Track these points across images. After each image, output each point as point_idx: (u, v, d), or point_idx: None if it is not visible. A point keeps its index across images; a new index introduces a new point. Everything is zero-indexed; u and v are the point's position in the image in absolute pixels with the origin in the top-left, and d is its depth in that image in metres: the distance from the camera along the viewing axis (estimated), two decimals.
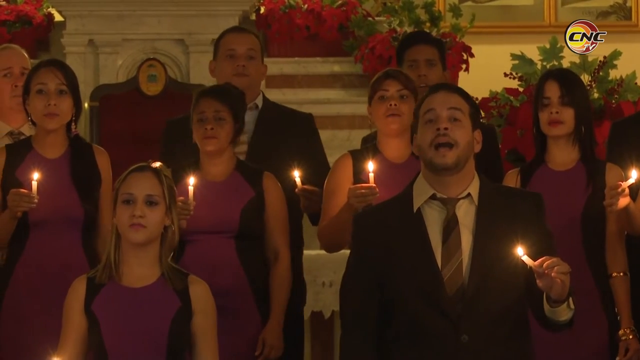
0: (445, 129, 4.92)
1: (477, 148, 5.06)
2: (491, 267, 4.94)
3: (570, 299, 4.79)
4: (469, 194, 5.04)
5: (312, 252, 7.43)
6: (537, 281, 4.68)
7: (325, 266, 7.41)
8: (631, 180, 6.18)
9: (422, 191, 5.11)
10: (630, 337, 6.23)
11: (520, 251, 4.72)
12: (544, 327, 5.00)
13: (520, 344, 5.07)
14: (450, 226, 5.05)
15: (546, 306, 4.84)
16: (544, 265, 4.64)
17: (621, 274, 6.34)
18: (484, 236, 4.99)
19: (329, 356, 8.11)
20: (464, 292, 4.97)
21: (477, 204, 5.06)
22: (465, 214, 5.06)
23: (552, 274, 4.64)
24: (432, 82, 6.86)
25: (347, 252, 6.19)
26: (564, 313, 4.83)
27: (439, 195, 5.03)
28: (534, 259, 4.67)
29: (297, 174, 6.61)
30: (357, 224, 5.29)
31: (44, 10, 9.98)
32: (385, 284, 5.03)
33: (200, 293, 5.22)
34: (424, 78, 7.13)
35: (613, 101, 9.80)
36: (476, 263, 4.99)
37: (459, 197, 5.04)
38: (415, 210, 5.05)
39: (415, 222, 5.06)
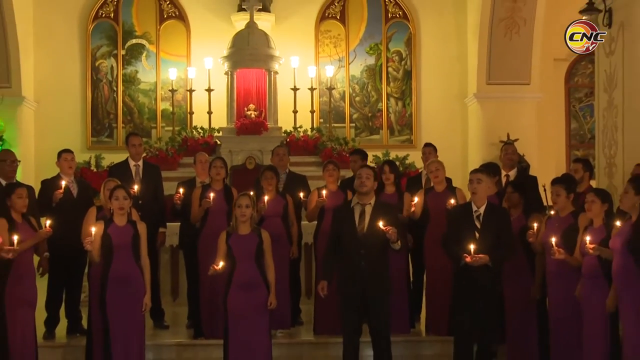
0: (364, 182, 5.09)
1: (374, 186, 5.15)
2: (374, 228, 4.98)
3: (398, 242, 4.98)
4: (370, 203, 5.12)
5: (306, 223, 7.05)
6: (386, 235, 4.91)
7: (309, 226, 6.92)
8: (415, 200, 6.28)
9: (354, 201, 5.17)
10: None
11: (381, 223, 4.92)
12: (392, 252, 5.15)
13: (383, 259, 5.13)
14: (362, 213, 5.10)
15: (390, 245, 5.00)
16: (386, 229, 4.88)
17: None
18: (373, 217, 5.03)
19: (310, 259, 7.58)
20: (364, 235, 5.03)
21: (372, 207, 5.11)
22: (368, 210, 5.09)
23: (389, 231, 4.88)
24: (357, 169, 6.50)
25: (315, 222, 6.55)
26: (396, 246, 5.01)
27: (360, 202, 5.13)
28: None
29: (302, 195, 6.59)
30: (334, 211, 5.47)
31: (214, 139, 9.69)
32: (339, 234, 5.14)
33: (265, 235, 5.13)
34: (358, 166, 6.54)
35: (401, 170, 9.01)
36: (369, 226, 5.03)
37: (366, 204, 5.11)
38: (351, 207, 5.16)
39: (350, 211, 5.15)
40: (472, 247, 4.95)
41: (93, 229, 5.11)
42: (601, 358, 4.71)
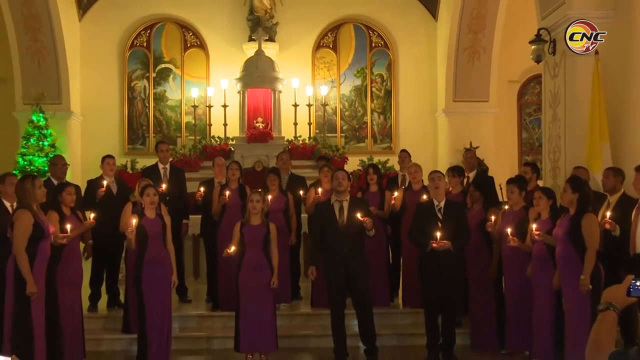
0: (340, 183, 5.08)
1: (348, 187, 5.09)
2: (352, 220, 4.98)
3: (372, 230, 4.96)
4: (346, 199, 5.09)
5: (305, 215, 6.62)
6: (363, 224, 4.91)
7: (307, 218, 7.25)
8: (395, 194, 6.17)
9: (334, 198, 5.13)
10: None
11: (359, 215, 4.93)
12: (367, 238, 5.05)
13: (361, 244, 5.11)
14: (341, 208, 5.07)
15: (366, 232, 4.99)
16: (363, 219, 4.89)
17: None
18: (350, 211, 5.02)
19: (308, 246, 6.92)
20: (344, 227, 5.02)
21: (349, 202, 5.08)
22: (345, 205, 5.07)
23: (366, 221, 4.90)
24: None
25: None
26: (371, 234, 5.00)
27: (338, 199, 5.09)
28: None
29: (301, 192, 6.59)
30: (316, 207, 5.44)
31: (229, 147, 9.62)
32: (323, 226, 5.10)
33: (272, 227, 5.06)
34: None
35: (383, 172, 9.07)
36: (348, 219, 5.02)
37: (343, 200, 5.08)
38: (331, 203, 5.12)
39: (331, 207, 5.10)
40: (437, 234, 4.94)
41: (134, 222, 5.07)
42: (548, 327, 4.70)
